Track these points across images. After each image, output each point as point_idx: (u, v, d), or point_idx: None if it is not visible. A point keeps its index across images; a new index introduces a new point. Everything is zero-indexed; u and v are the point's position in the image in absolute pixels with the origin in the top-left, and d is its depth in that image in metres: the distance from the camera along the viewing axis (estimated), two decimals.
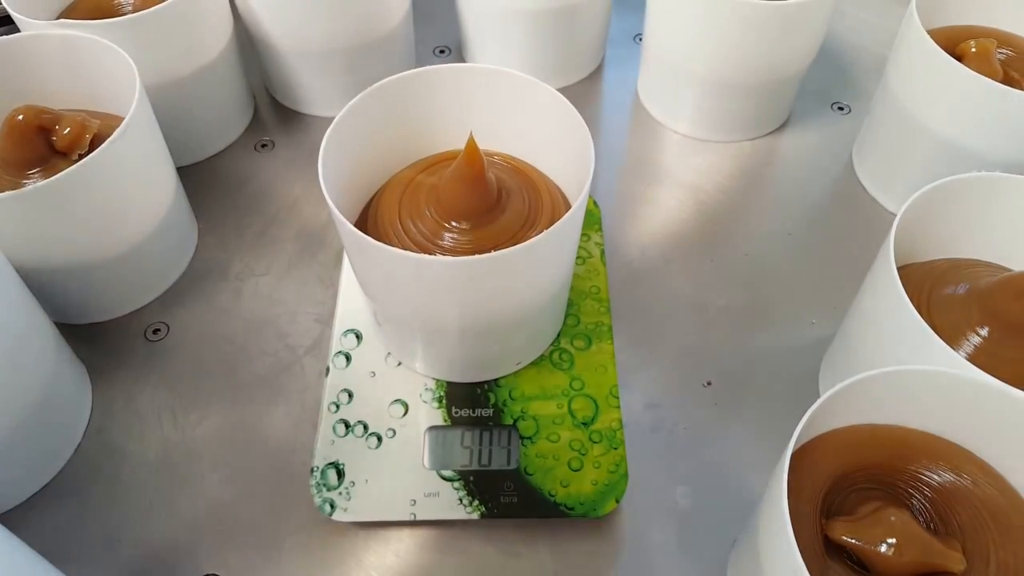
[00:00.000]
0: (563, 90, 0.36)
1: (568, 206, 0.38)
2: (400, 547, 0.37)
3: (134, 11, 0.48)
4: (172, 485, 0.39)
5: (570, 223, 0.32)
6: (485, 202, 0.35)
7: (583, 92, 0.59)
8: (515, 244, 0.31)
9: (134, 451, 0.40)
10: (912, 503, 0.31)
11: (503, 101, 0.38)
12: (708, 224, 0.50)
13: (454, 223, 0.35)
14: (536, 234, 0.33)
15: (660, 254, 0.48)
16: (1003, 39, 0.48)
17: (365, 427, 0.38)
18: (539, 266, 0.34)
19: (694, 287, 0.46)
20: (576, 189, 0.35)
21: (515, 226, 0.36)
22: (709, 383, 0.42)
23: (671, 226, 0.50)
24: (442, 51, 0.62)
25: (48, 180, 0.37)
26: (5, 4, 0.45)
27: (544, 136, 0.38)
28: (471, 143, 0.33)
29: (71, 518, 0.38)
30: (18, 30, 0.45)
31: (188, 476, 0.39)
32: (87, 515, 0.38)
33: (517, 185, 0.38)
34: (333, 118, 0.35)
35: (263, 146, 0.55)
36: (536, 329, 0.38)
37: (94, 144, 0.40)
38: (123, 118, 0.39)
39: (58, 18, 0.49)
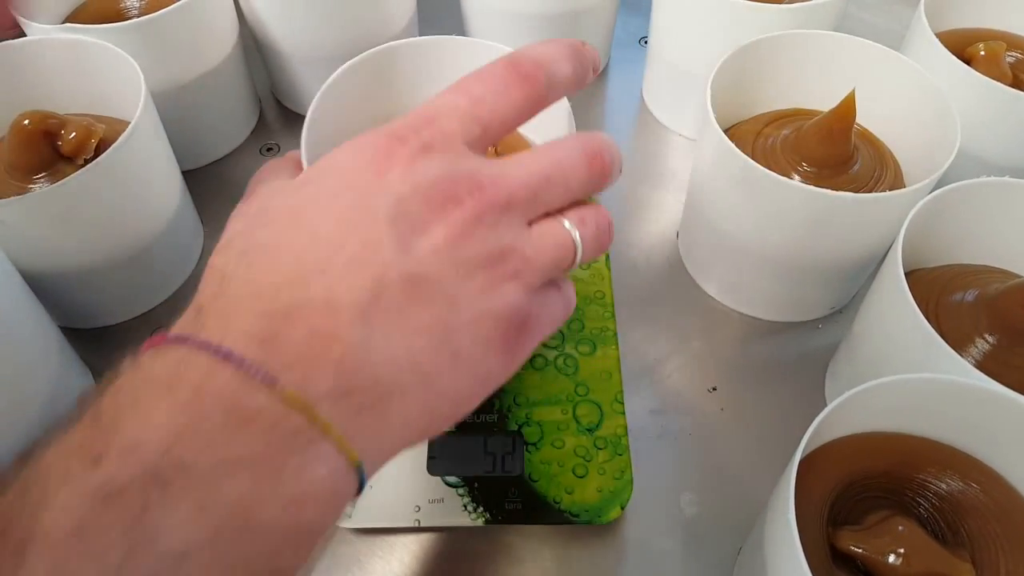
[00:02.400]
0: None
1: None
2: (404, 554, 0.36)
3: (140, 15, 0.48)
4: None
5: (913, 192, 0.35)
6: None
7: (587, 95, 0.59)
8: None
9: None
10: (920, 512, 0.30)
11: None
12: None
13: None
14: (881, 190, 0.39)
15: (665, 258, 0.48)
16: (1013, 42, 0.48)
17: None
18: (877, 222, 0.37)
19: (699, 291, 0.46)
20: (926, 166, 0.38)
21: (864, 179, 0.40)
22: (715, 389, 0.42)
23: (676, 229, 0.49)
24: None
25: (54, 185, 0.37)
26: (11, 9, 0.45)
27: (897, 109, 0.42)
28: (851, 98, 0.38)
29: None
30: (24, 34, 0.46)
31: None
32: None
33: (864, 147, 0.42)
34: None
35: (269, 150, 0.55)
36: (841, 284, 0.43)
37: (100, 149, 0.40)
38: (129, 122, 0.39)
39: (64, 23, 0.49)
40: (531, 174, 0.23)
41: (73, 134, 0.40)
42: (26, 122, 0.40)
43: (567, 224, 0.24)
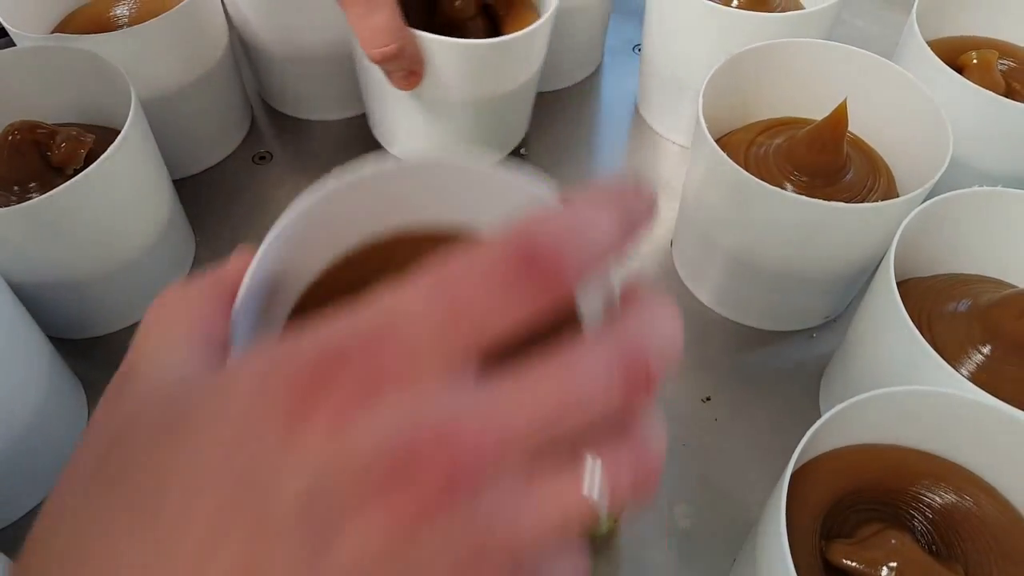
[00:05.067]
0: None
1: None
2: None
3: (129, 24, 0.48)
4: None
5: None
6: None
7: (580, 103, 0.58)
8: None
9: None
10: (913, 525, 0.30)
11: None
12: None
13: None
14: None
15: (659, 267, 0.48)
16: (1005, 50, 0.48)
17: None
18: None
19: (693, 300, 0.46)
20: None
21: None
22: (708, 399, 0.42)
23: (669, 238, 0.49)
24: None
25: (43, 196, 0.36)
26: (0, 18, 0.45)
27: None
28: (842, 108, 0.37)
29: None
30: (13, 44, 0.45)
31: None
32: None
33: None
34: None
35: (261, 158, 0.55)
36: (835, 293, 0.43)
37: (89, 159, 0.40)
38: (119, 132, 0.39)
39: (53, 32, 0.49)
40: (538, 408, 0.14)
41: (63, 144, 0.40)
42: (15, 132, 0.39)
43: (586, 483, 0.15)
